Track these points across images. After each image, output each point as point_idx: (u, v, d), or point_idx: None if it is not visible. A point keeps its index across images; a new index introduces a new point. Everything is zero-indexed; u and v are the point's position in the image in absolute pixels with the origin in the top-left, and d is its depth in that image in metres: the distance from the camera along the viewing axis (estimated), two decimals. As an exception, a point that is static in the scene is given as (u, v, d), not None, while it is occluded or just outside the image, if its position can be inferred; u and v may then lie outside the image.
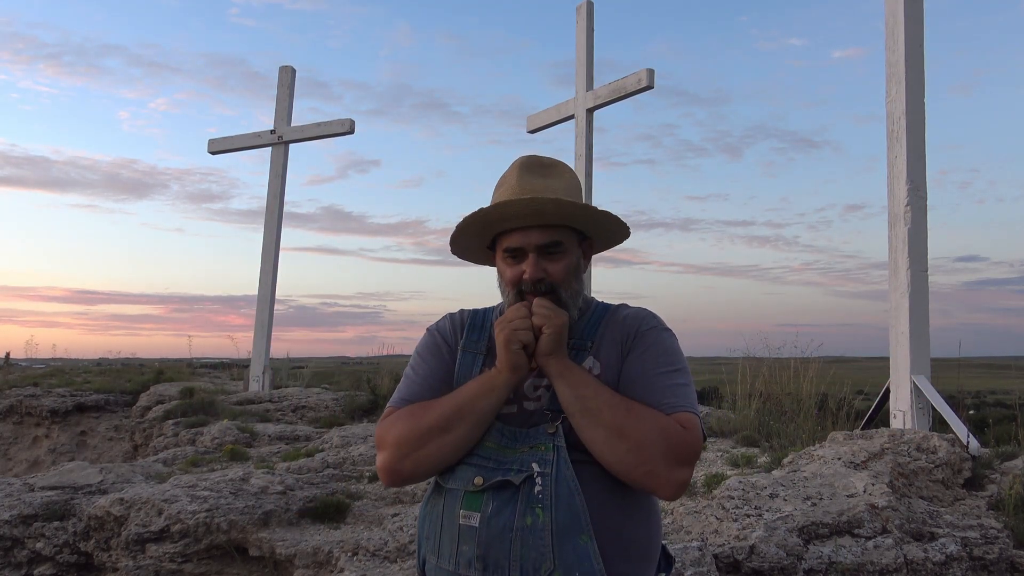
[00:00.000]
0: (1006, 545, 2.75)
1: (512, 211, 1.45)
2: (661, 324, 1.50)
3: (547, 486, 1.32)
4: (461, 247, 1.60)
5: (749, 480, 3.13)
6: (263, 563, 3.22)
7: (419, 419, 1.40)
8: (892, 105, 4.43)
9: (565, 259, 1.48)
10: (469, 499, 1.35)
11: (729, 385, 5.73)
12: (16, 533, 3.46)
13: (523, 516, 1.31)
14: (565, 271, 1.47)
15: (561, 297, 1.46)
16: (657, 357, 1.43)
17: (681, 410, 1.36)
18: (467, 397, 1.40)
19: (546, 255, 1.47)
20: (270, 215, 8.12)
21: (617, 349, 1.46)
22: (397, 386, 1.56)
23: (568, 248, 1.48)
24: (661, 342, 1.46)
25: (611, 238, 1.60)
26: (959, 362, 4.93)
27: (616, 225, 1.53)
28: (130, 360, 12.90)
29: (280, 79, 8.36)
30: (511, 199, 1.43)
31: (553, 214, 1.45)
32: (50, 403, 7.74)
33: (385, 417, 1.49)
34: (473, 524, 1.33)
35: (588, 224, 1.52)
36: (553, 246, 1.47)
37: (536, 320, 1.39)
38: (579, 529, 1.30)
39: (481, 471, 1.37)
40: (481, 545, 1.31)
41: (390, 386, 7.07)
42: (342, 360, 14.65)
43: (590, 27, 7.04)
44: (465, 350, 1.53)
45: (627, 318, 1.50)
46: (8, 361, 11.81)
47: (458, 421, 1.38)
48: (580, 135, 6.84)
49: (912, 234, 4.27)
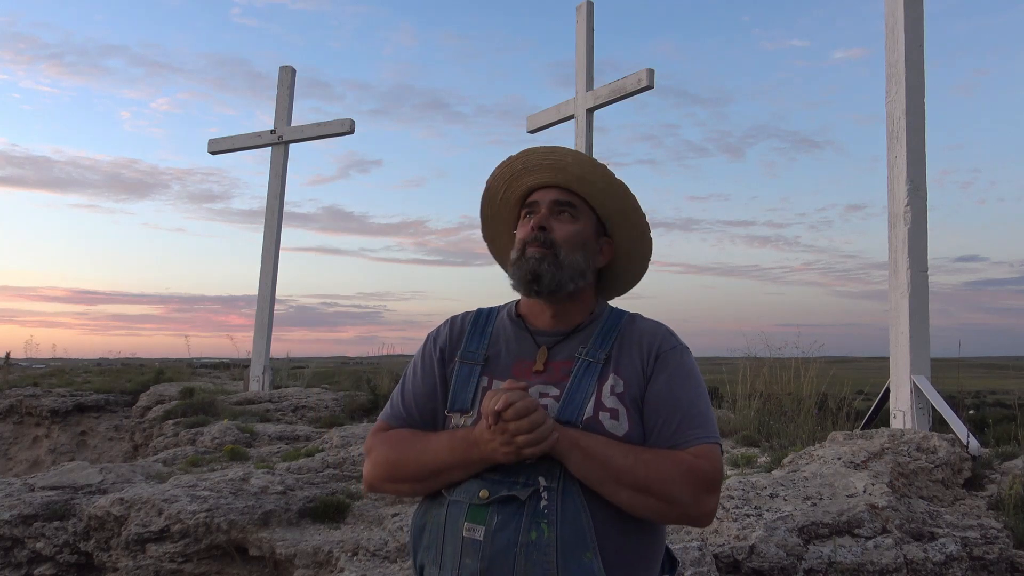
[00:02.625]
0: (1006, 545, 2.75)
1: (535, 161, 1.49)
2: (681, 343, 1.49)
3: (553, 501, 1.31)
4: (492, 231, 1.65)
5: (749, 480, 3.13)
6: (263, 563, 3.23)
7: (400, 458, 1.42)
8: (892, 105, 4.43)
9: (575, 224, 1.49)
10: (474, 512, 1.33)
11: (729, 385, 5.73)
12: (16, 533, 3.46)
13: (528, 531, 1.29)
14: (570, 234, 1.47)
15: (559, 256, 1.45)
16: (682, 383, 1.42)
17: (700, 442, 1.35)
18: (443, 466, 1.37)
19: (558, 215, 1.48)
20: (270, 215, 8.12)
21: (638, 366, 1.43)
22: (394, 391, 1.58)
23: (581, 217, 1.50)
24: (683, 365, 1.44)
25: (632, 234, 1.56)
26: (959, 362, 4.93)
27: (635, 215, 1.52)
28: (130, 360, 12.90)
29: (280, 79, 8.36)
30: (536, 148, 1.49)
31: (574, 165, 1.47)
32: (50, 403, 7.74)
33: (377, 429, 1.51)
34: (477, 538, 1.31)
35: (606, 199, 1.52)
36: (566, 205, 1.49)
37: (524, 445, 1.29)
38: (584, 546, 1.29)
39: (487, 484, 1.35)
40: (485, 559, 1.29)
41: (390, 386, 7.07)
42: (342, 360, 14.64)
43: (590, 27, 7.04)
44: (463, 361, 1.49)
45: (646, 334, 1.48)
46: (8, 361, 11.80)
47: (431, 481, 1.40)
48: (580, 135, 6.84)
49: (912, 234, 4.27)
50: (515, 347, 1.49)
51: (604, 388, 1.40)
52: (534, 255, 1.45)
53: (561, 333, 1.49)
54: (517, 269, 1.48)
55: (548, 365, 1.45)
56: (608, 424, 1.37)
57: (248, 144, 8.41)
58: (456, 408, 1.45)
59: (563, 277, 1.44)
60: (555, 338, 1.49)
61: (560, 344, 1.48)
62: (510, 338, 1.51)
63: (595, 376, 1.41)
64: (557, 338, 1.49)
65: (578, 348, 1.46)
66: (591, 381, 1.41)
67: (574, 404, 1.39)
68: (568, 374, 1.42)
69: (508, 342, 1.51)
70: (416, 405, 1.50)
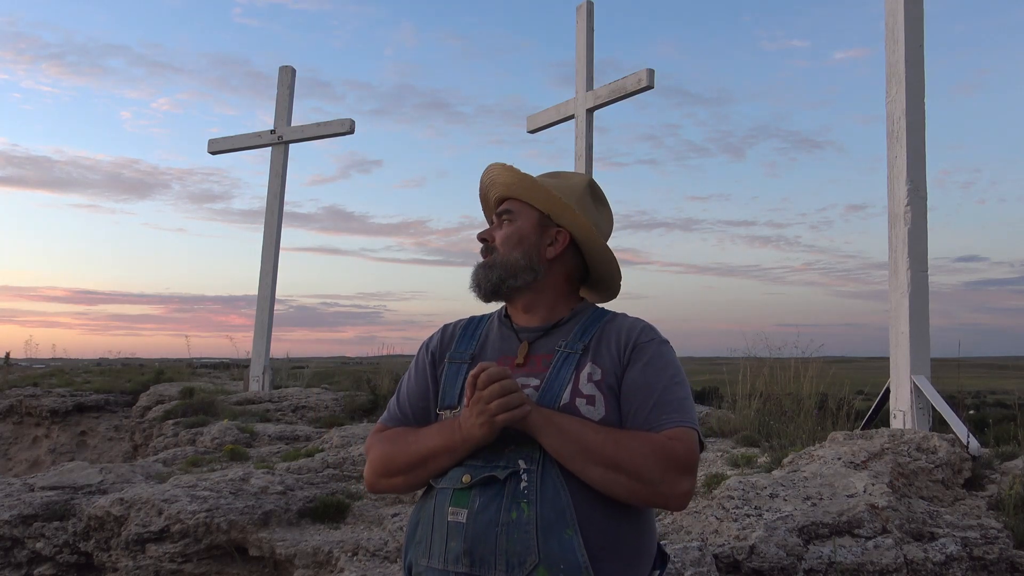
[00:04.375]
0: (1006, 545, 2.75)
1: (483, 179, 1.69)
2: (659, 336, 1.54)
3: (533, 482, 1.35)
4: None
5: (749, 480, 3.13)
6: (263, 563, 3.23)
7: (393, 452, 1.50)
8: (892, 105, 4.42)
9: (511, 227, 1.60)
10: (457, 496, 1.39)
11: (729, 385, 5.73)
12: (16, 533, 3.46)
13: (508, 511, 1.33)
14: (505, 236, 1.59)
15: (495, 259, 1.57)
16: (657, 371, 1.46)
17: (675, 425, 1.39)
18: (430, 452, 1.45)
19: (501, 223, 1.62)
20: (270, 215, 8.12)
21: (616, 357, 1.48)
22: (392, 397, 1.67)
23: (518, 218, 1.60)
24: (660, 355, 1.49)
25: (568, 218, 1.59)
26: (959, 362, 4.93)
27: (554, 203, 1.57)
28: (130, 360, 12.89)
29: (280, 79, 8.36)
30: (488, 167, 1.66)
31: (497, 176, 1.63)
32: (50, 403, 7.74)
33: (375, 431, 1.60)
34: (461, 520, 1.36)
35: (526, 194, 1.61)
36: (504, 212, 1.62)
37: (497, 412, 1.35)
38: (564, 524, 1.32)
39: (469, 469, 1.40)
40: (468, 540, 1.33)
41: (390, 386, 7.08)
42: (342, 360, 14.65)
43: (590, 27, 7.04)
44: (451, 361, 1.58)
45: (625, 328, 1.54)
46: (8, 361, 11.80)
47: (421, 469, 1.47)
48: (580, 135, 6.84)
49: (912, 234, 4.27)
50: (500, 344, 1.58)
51: (581, 375, 1.46)
52: (477, 264, 1.61)
53: (543, 328, 1.57)
54: None
55: (530, 358, 1.52)
56: (584, 410, 1.42)
57: (248, 144, 8.41)
58: (445, 405, 1.53)
59: (496, 277, 1.56)
60: (536, 333, 1.56)
61: (541, 339, 1.55)
62: (496, 337, 1.60)
63: (573, 365, 1.47)
64: (538, 333, 1.56)
65: (559, 342, 1.53)
66: (569, 370, 1.47)
67: (552, 392, 1.44)
68: (548, 366, 1.49)
69: (494, 341, 1.59)
70: (410, 405, 1.59)
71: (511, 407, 1.34)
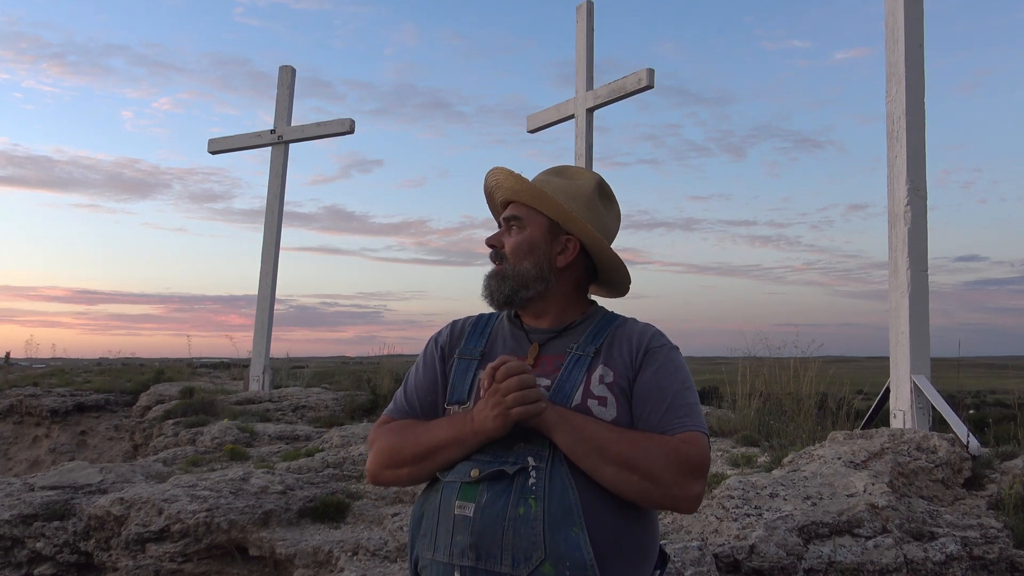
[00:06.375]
0: (1006, 545, 2.75)
1: (488, 181, 1.66)
2: (670, 342, 1.55)
3: (541, 479, 1.36)
4: None
5: (749, 480, 3.13)
6: (263, 563, 3.23)
7: (399, 442, 1.49)
8: (892, 105, 4.42)
9: (521, 234, 1.58)
10: (465, 490, 1.39)
11: (729, 385, 5.73)
12: (16, 533, 3.46)
13: (516, 507, 1.33)
14: (515, 245, 1.57)
15: (507, 269, 1.56)
16: (669, 375, 1.47)
17: (687, 429, 1.40)
18: (439, 443, 1.44)
19: (509, 229, 1.60)
20: (270, 215, 8.13)
21: (627, 361, 1.49)
22: (397, 391, 1.65)
23: (527, 225, 1.57)
24: (672, 360, 1.50)
25: (577, 226, 1.57)
26: (959, 362, 4.93)
27: (563, 213, 1.55)
28: (130, 360, 12.90)
29: (280, 79, 8.36)
30: (491, 169, 1.63)
31: (507, 186, 1.60)
32: (50, 403, 7.74)
33: (380, 423, 1.59)
34: (468, 514, 1.36)
35: (535, 201, 1.58)
36: (512, 219, 1.60)
37: (513, 405, 1.35)
38: (571, 522, 1.33)
39: (478, 464, 1.40)
40: (474, 534, 1.34)
41: (390, 386, 7.08)
42: (342, 360, 14.65)
43: (590, 27, 7.04)
44: (460, 357, 1.58)
45: (636, 333, 1.55)
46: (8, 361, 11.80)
47: (429, 460, 1.46)
48: (580, 135, 6.84)
49: (912, 234, 4.27)
50: (511, 344, 1.57)
51: (593, 377, 1.47)
52: (490, 273, 1.59)
53: (554, 331, 1.57)
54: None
55: (540, 360, 1.52)
56: (596, 411, 1.43)
57: (248, 144, 8.41)
58: (454, 400, 1.53)
59: (509, 288, 1.54)
60: (548, 335, 1.56)
61: (552, 341, 1.56)
62: (507, 336, 1.60)
63: (584, 368, 1.48)
64: (550, 335, 1.56)
65: (569, 344, 1.53)
66: (580, 372, 1.48)
67: (563, 392, 1.45)
68: (559, 368, 1.49)
69: (505, 340, 1.59)
70: (418, 398, 1.58)
71: (528, 401, 1.34)
